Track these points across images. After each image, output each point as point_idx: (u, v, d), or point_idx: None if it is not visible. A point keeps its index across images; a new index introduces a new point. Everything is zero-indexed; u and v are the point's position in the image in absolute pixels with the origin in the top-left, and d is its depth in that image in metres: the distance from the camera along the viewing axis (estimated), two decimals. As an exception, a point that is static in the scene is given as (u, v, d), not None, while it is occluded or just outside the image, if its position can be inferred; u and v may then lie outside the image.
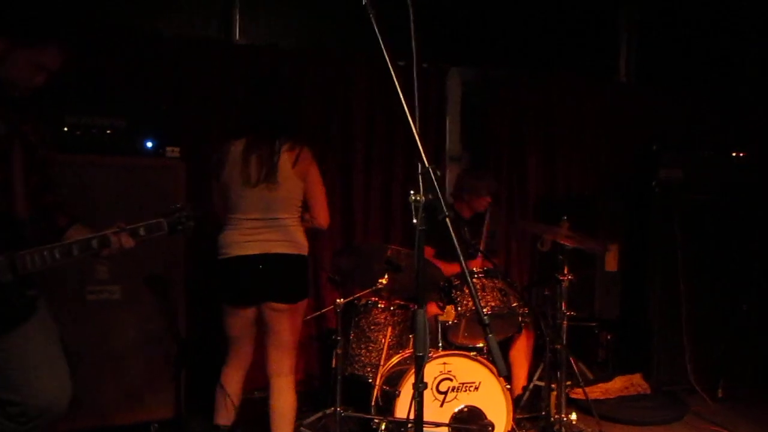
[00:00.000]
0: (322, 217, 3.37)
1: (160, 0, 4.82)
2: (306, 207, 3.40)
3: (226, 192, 3.37)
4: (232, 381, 3.50)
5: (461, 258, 1.66)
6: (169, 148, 4.02)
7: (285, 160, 3.27)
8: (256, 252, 3.24)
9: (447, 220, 1.65)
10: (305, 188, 3.33)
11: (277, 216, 3.28)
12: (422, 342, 1.66)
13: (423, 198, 1.66)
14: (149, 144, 4.04)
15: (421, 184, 1.68)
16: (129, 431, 3.92)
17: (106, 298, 3.86)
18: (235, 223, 3.34)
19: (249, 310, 3.34)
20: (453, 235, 1.63)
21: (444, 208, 1.63)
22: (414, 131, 1.71)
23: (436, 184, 1.64)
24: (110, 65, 4.35)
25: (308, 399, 4.63)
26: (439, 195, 1.64)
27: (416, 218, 1.67)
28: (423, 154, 1.67)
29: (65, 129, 3.82)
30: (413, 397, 1.67)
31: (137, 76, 4.42)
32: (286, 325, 3.30)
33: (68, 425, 3.69)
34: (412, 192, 1.67)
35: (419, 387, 1.68)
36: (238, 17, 4.95)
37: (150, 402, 3.98)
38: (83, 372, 3.69)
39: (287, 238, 3.28)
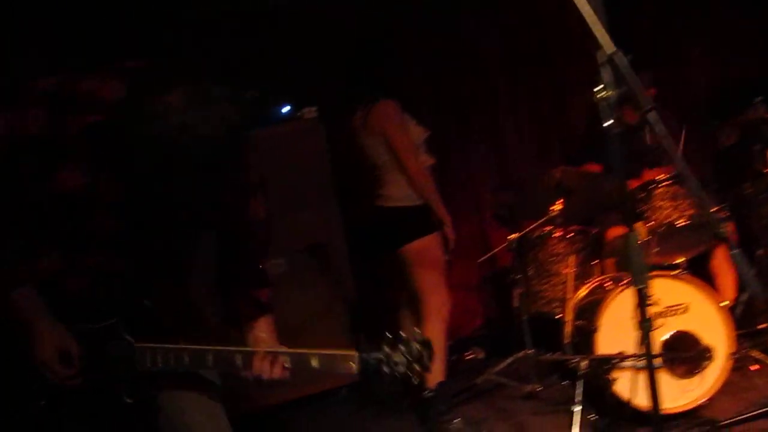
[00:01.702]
0: (406, 166, 3.36)
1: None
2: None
3: None
4: (403, 326, 3.56)
5: (672, 152, 1.29)
6: (306, 109, 3.87)
7: (358, 120, 3.43)
8: (369, 206, 3.53)
9: (649, 115, 1.28)
10: (388, 141, 3.37)
11: (377, 172, 3.46)
12: (640, 271, 1.32)
13: (614, 92, 1.30)
14: (285, 109, 3.91)
15: (605, 75, 1.32)
16: (319, 399, 3.89)
17: (273, 272, 3.79)
18: None
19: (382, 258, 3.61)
20: (657, 130, 1.26)
21: (645, 99, 1.27)
22: (584, 13, 1.35)
23: (627, 71, 1.27)
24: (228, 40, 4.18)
25: (493, 345, 4.41)
26: (636, 84, 1.28)
27: (607, 119, 1.32)
28: (604, 37, 1.30)
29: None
30: (642, 335, 1.35)
31: (256, 46, 4.24)
32: (406, 269, 3.42)
33: (261, 402, 3.71)
34: (598, 88, 1.31)
35: (645, 326, 1.36)
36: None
37: (334, 369, 3.90)
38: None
39: (381, 193, 3.45)
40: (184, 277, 1.85)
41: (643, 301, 1.35)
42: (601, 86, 1.31)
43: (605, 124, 1.31)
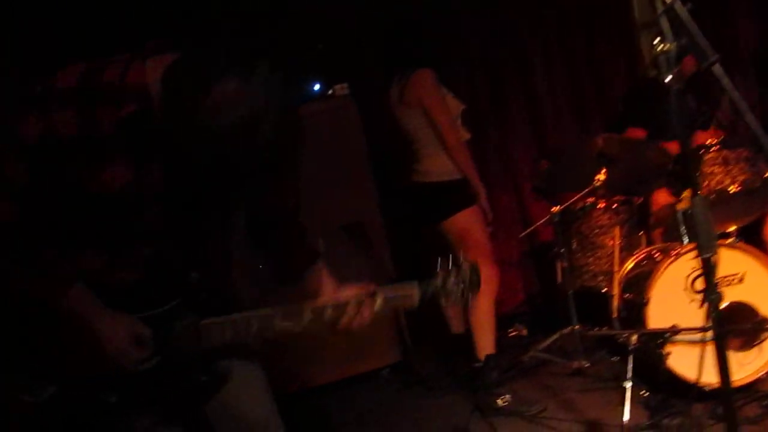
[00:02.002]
0: (444, 136, 3.29)
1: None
2: None
3: None
4: None
5: (741, 104, 1.18)
6: (337, 86, 3.78)
7: (393, 96, 3.36)
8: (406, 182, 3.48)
9: (715, 68, 1.16)
10: (426, 111, 3.30)
11: (414, 147, 3.39)
12: (708, 238, 1.22)
13: (673, 45, 1.19)
14: (316, 87, 3.82)
15: (664, 27, 1.21)
16: (361, 381, 3.84)
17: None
18: None
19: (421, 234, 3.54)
20: (726, 84, 1.15)
21: (709, 49, 1.15)
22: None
23: (688, 21, 1.16)
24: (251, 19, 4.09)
25: (536, 321, 4.31)
26: (698, 34, 1.16)
27: (667, 74, 1.20)
28: (661, -15, 1.19)
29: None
30: (710, 308, 1.24)
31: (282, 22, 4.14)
32: (449, 243, 3.34)
33: (300, 385, 3.68)
34: (656, 41, 1.20)
35: (712, 298, 1.25)
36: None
37: (375, 349, 3.87)
38: (307, 333, 3.64)
39: (418, 168, 3.40)
40: (228, 248, 1.78)
41: (710, 271, 1.24)
42: (659, 39, 1.19)
43: (666, 80, 1.20)
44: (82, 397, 1.58)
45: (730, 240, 3.01)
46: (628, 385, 2.75)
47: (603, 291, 3.45)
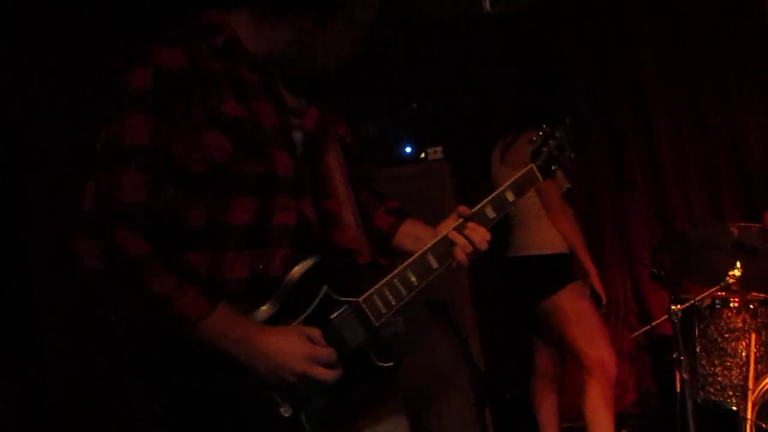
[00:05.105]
0: (550, 207, 2.97)
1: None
2: None
3: None
4: (537, 396, 3.32)
5: None
6: (430, 150, 3.46)
7: (495, 156, 3.13)
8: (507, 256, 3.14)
9: None
10: None
11: (509, 215, 3.03)
12: None
13: None
14: (408, 149, 3.51)
15: None
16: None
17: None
18: None
19: (526, 314, 3.16)
20: None
21: None
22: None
23: None
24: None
25: (648, 427, 3.70)
26: None
27: None
28: None
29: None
30: None
31: (377, 74, 3.88)
32: (552, 327, 3.06)
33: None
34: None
35: None
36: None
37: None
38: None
39: (517, 241, 3.10)
40: None
41: None
42: None
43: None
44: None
45: None
46: None
47: (733, 408, 2.85)
